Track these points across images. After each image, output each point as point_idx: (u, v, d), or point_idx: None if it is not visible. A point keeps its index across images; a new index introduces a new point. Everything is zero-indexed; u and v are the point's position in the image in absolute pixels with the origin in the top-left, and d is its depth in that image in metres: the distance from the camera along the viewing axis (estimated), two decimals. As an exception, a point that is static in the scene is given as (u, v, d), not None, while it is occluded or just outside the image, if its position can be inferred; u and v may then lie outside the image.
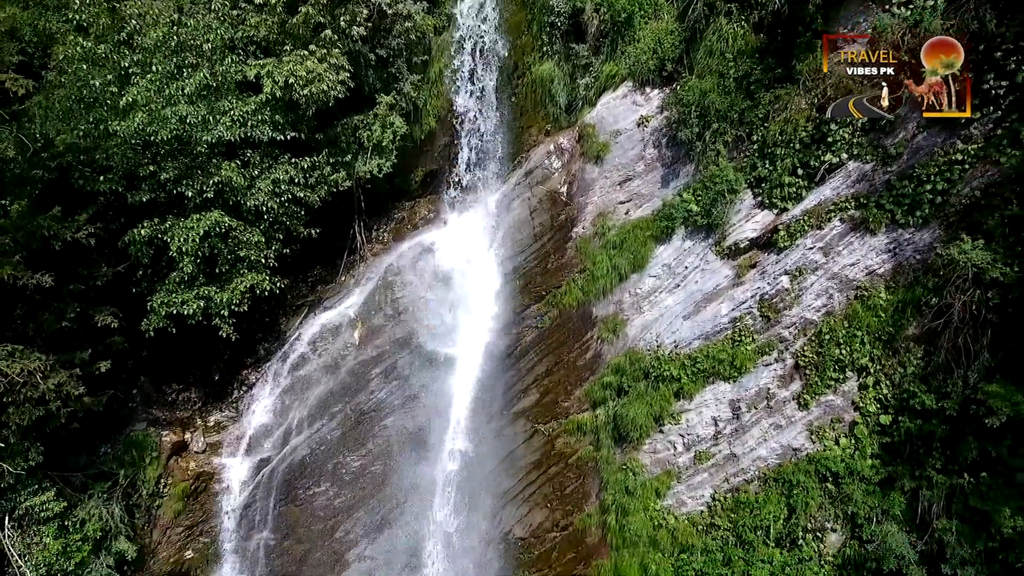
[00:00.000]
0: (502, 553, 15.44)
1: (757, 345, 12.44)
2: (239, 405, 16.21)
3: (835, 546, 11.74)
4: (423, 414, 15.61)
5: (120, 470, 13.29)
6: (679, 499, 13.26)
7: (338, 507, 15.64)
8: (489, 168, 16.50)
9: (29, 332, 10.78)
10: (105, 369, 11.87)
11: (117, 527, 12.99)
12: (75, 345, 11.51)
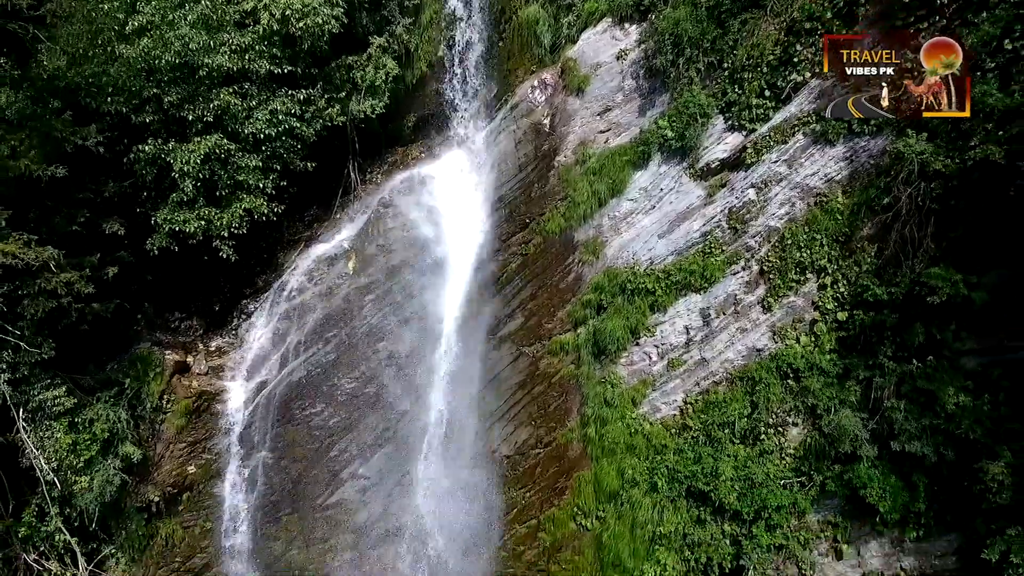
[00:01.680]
0: (489, 471, 16.20)
1: (726, 256, 13.21)
2: (239, 332, 17.03)
3: (796, 440, 12.52)
4: (414, 339, 16.39)
5: (126, 379, 14.05)
6: (654, 406, 14.04)
7: (333, 427, 16.43)
8: (477, 109, 17.30)
9: (42, 234, 11.54)
10: (112, 275, 12.65)
11: (123, 432, 13.79)
12: (85, 250, 12.29)
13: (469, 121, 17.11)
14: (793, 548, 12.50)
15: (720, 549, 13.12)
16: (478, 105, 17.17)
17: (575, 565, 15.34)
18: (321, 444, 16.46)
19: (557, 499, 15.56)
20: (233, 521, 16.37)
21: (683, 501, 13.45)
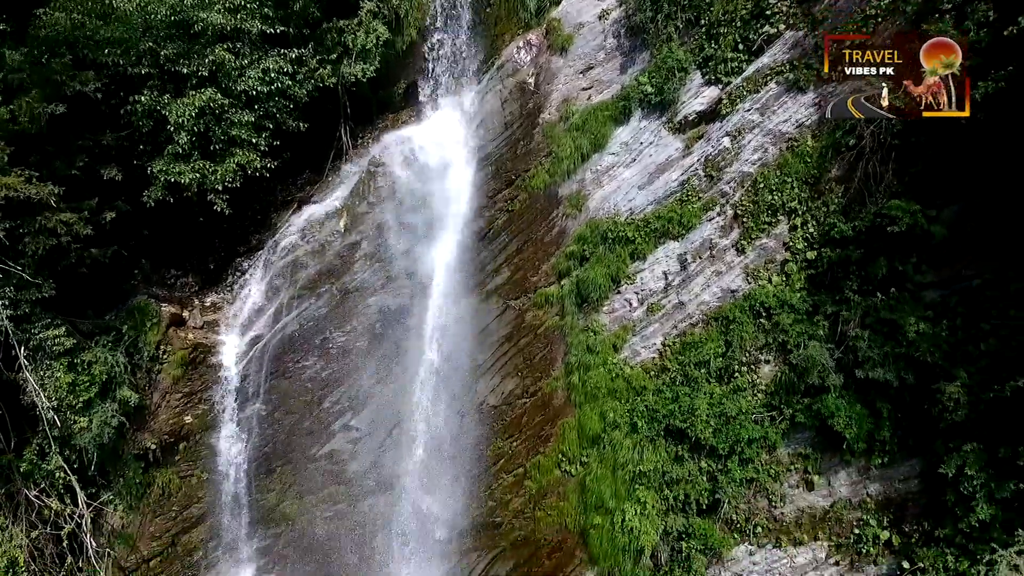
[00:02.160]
0: (477, 422, 16.70)
1: (702, 202, 13.71)
2: (234, 288, 17.50)
3: (768, 376, 13.03)
4: (404, 294, 16.88)
5: (124, 326, 14.51)
6: (634, 350, 14.54)
7: (325, 379, 16.91)
8: (466, 73, 17.79)
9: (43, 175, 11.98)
10: (111, 220, 13.13)
11: (121, 376, 14.24)
12: (84, 196, 12.76)
13: (458, 84, 17.58)
14: (764, 481, 13.02)
15: (697, 485, 13.63)
16: (466, 69, 17.64)
17: (560, 510, 15.82)
18: (313, 396, 16.94)
19: (542, 446, 16.05)
20: (228, 472, 16.84)
21: (662, 440, 13.95)
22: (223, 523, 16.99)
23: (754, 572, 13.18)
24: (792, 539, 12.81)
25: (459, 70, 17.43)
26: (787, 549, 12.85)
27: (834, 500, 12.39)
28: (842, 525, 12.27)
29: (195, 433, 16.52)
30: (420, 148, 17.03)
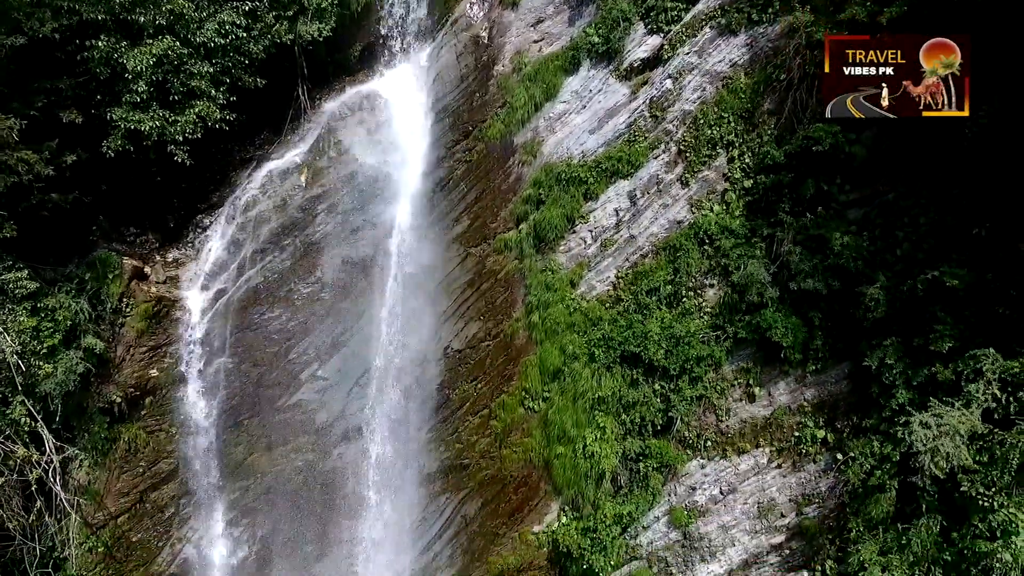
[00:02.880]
0: (442, 367, 17.27)
1: (648, 141, 14.63)
2: (195, 244, 17.65)
3: (712, 300, 14.02)
4: (367, 245, 17.33)
5: (86, 275, 14.56)
6: (590, 285, 15.37)
7: (291, 330, 17.22)
8: (421, 30, 18.31)
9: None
10: (71, 163, 13.19)
11: (85, 324, 14.31)
12: (43, 139, 12.80)
13: (413, 41, 18.08)
14: (712, 397, 14.00)
15: (652, 407, 14.53)
16: (421, 26, 18.16)
17: (524, 446, 16.55)
18: (280, 348, 17.23)
19: (506, 386, 16.75)
20: (196, 426, 16.99)
21: (618, 367, 14.81)
22: (192, 478, 17.14)
23: (705, 483, 14.14)
24: (736, 449, 13.83)
25: (414, 28, 17.94)
26: (732, 459, 13.86)
27: (774, 409, 13.43)
28: (782, 430, 13.33)
29: (161, 387, 16.63)
30: (378, 103, 17.50)
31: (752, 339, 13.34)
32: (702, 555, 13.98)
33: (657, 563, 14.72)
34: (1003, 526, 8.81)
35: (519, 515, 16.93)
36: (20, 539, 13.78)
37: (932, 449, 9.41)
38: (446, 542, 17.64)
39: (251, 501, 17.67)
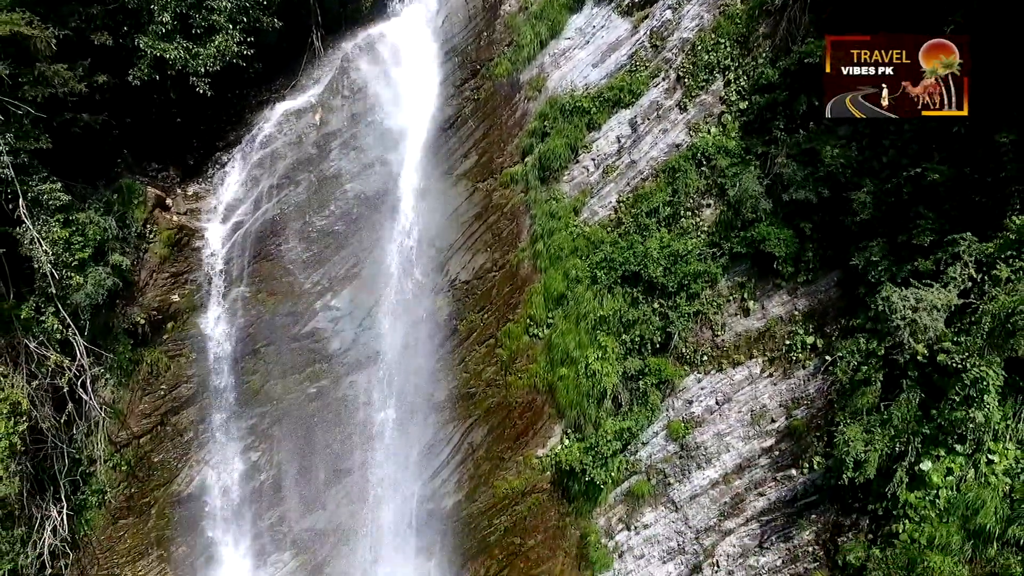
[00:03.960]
0: (450, 298, 17.97)
1: (649, 71, 15.28)
2: (214, 179, 18.40)
3: (709, 219, 14.68)
4: (379, 180, 18.02)
5: (114, 196, 15.33)
6: (592, 211, 16.04)
7: (306, 261, 17.95)
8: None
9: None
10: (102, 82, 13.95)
11: (113, 243, 15.07)
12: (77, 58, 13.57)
13: (423, -15, 18.77)
14: (708, 312, 14.66)
15: (651, 325, 15.20)
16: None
17: (529, 372, 17.24)
18: (295, 278, 17.96)
19: (511, 314, 17.45)
20: (215, 353, 17.75)
21: (619, 288, 15.48)
22: (211, 404, 17.90)
23: (701, 396, 14.80)
24: (732, 361, 14.48)
25: (425, -27, 18.61)
26: (727, 371, 14.52)
27: (767, 321, 14.08)
28: (775, 340, 13.97)
29: (182, 313, 17.40)
30: (389, 44, 18.17)
31: (747, 253, 13.99)
32: (698, 463, 14.63)
33: (655, 475, 15.39)
34: (976, 385, 9.41)
35: (523, 439, 17.63)
36: (52, 441, 14.54)
37: (911, 322, 10.02)
38: (453, 468, 18.36)
39: (267, 427, 18.43)
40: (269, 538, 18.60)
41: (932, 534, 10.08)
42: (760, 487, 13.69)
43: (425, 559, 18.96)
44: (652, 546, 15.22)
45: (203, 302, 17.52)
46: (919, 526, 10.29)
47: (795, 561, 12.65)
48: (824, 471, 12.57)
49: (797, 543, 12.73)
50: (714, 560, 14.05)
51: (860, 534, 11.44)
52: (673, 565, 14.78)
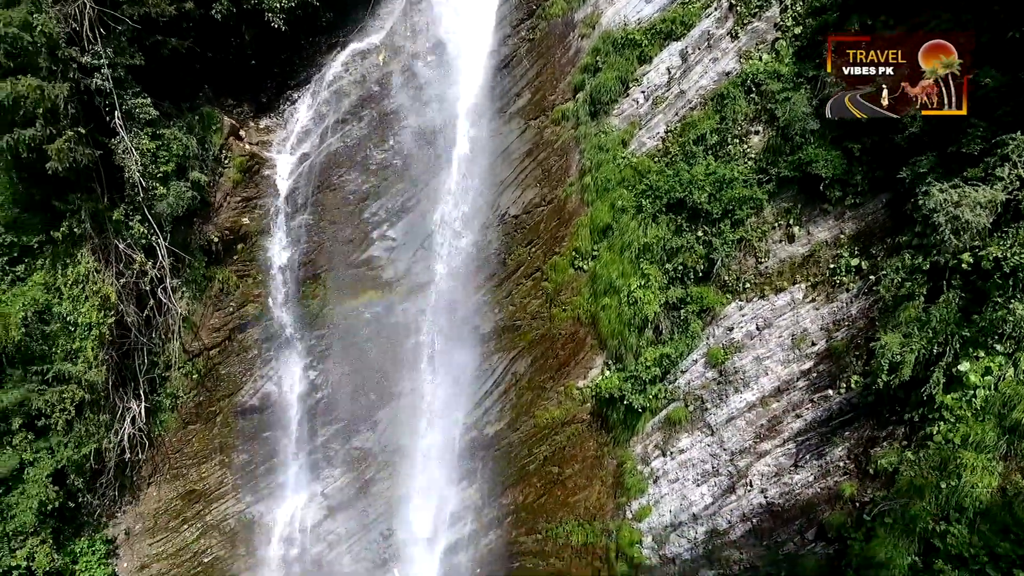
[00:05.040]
0: (500, 232, 18.64)
1: (702, 1, 15.46)
2: (284, 115, 19.66)
3: (758, 147, 14.75)
4: (436, 117, 18.84)
5: (195, 117, 16.71)
6: (640, 142, 16.35)
7: (365, 192, 18.98)
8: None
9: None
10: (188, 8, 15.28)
11: (192, 161, 16.43)
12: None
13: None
14: (752, 240, 14.76)
15: (694, 253, 15.40)
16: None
17: (573, 305, 17.73)
18: (354, 208, 19.03)
19: (558, 247, 17.96)
20: (279, 275, 19.01)
21: (664, 216, 15.75)
22: (275, 324, 19.18)
23: (742, 322, 14.91)
24: (774, 287, 14.53)
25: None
26: (769, 297, 14.58)
27: (812, 246, 14.07)
28: (819, 265, 13.96)
29: (251, 236, 18.72)
30: (451, -14, 18.96)
31: (794, 177, 14.01)
32: (736, 387, 14.77)
33: (693, 402, 15.61)
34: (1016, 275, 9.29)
35: (565, 370, 18.14)
36: (134, 336, 16.03)
37: (952, 218, 9.97)
38: (496, 398, 19.05)
39: (324, 349, 19.60)
40: (322, 454, 19.79)
41: (967, 433, 10.00)
42: (797, 409, 13.73)
43: (466, 485, 19.76)
44: (686, 470, 15.45)
45: (270, 227, 18.77)
46: (954, 427, 10.22)
47: (826, 476, 12.67)
48: (862, 389, 12.54)
49: (829, 459, 12.75)
50: (747, 480, 14.18)
51: (894, 442, 11.40)
52: (707, 487, 14.97)
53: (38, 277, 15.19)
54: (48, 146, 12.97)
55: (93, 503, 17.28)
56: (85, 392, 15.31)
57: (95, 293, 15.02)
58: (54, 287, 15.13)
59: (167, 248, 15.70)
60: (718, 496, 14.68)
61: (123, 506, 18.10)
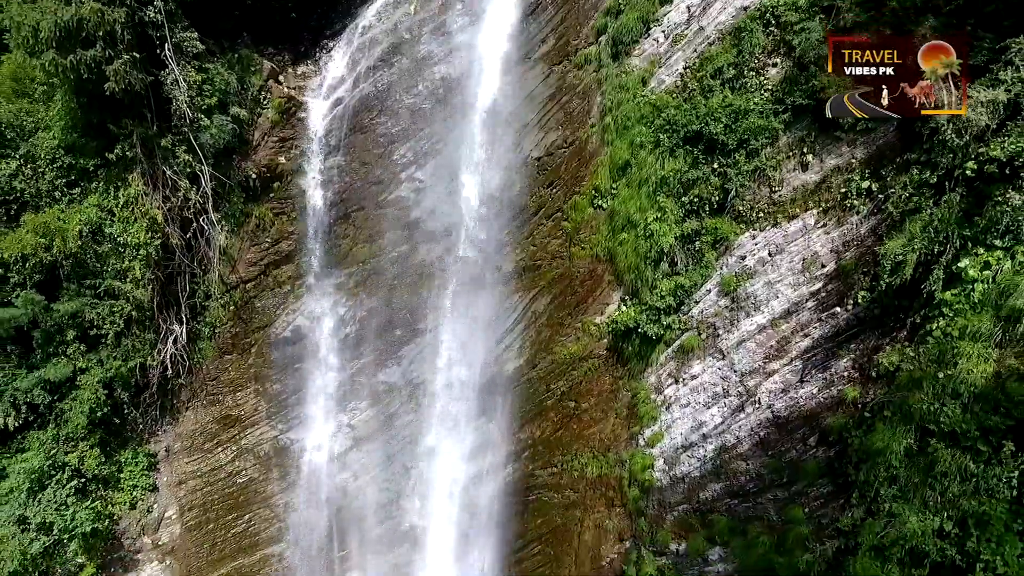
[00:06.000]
0: (523, 174, 19.30)
1: (723, -60, 15.92)
2: (319, 62, 20.63)
3: (775, 79, 15.16)
4: (463, 63, 19.56)
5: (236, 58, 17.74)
6: (659, 80, 16.87)
7: (395, 135, 19.82)
8: None
9: None
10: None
11: (233, 97, 17.46)
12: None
13: None
14: (767, 170, 15.18)
15: (710, 185, 15.88)
16: None
17: (591, 243, 18.36)
18: (384, 149, 19.89)
19: (578, 187, 18.60)
20: (312, 214, 19.98)
21: (681, 149, 16.25)
22: (307, 261, 20.17)
23: (755, 250, 15.36)
24: (787, 215, 14.94)
25: None
26: (782, 225, 14.99)
27: (824, 172, 14.46)
28: (830, 191, 14.33)
29: (287, 175, 19.72)
30: (480, -62, 19.67)
31: (808, 105, 14.40)
32: (747, 312, 15.23)
33: (706, 330, 16.10)
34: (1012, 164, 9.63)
35: (583, 306, 18.79)
36: (178, 260, 17.13)
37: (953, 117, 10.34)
38: (516, 336, 19.77)
39: (353, 286, 20.52)
40: (350, 386, 20.75)
41: (964, 325, 10.37)
42: (805, 328, 14.15)
43: (486, 421, 20.53)
44: (698, 394, 15.96)
45: (305, 167, 19.75)
46: (952, 320, 10.59)
47: (830, 386, 13.08)
48: (868, 303, 12.92)
49: (834, 371, 13.17)
50: (756, 398, 14.64)
51: (896, 345, 11.78)
52: (717, 408, 15.46)
53: (93, 199, 16.35)
54: (107, 67, 14.06)
55: (137, 420, 18.48)
56: (133, 309, 16.43)
57: (143, 215, 16.14)
58: (107, 209, 16.28)
59: (211, 174, 16.71)
60: (727, 416, 15.17)
61: (163, 426, 19.30)
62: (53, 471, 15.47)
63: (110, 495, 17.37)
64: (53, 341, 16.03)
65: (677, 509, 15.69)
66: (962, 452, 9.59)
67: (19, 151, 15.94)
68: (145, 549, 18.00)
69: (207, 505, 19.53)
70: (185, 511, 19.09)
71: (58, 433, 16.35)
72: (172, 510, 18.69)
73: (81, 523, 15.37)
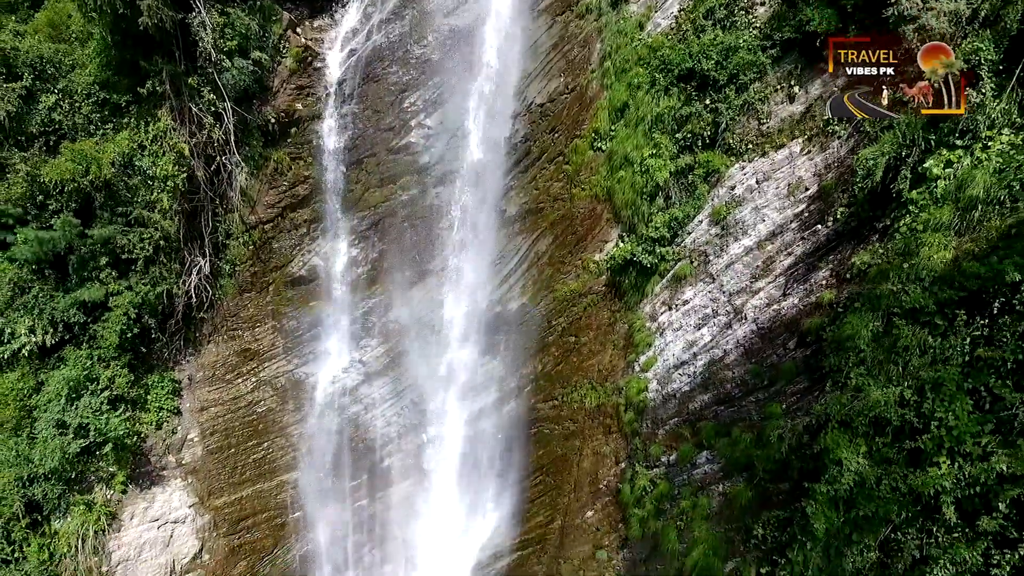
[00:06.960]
0: (526, 121, 20.31)
1: None
2: (335, 16, 21.70)
3: (763, 17, 16.07)
4: (471, 15, 20.58)
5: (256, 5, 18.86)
6: (656, 23, 17.83)
7: (405, 83, 20.88)
8: None
9: None
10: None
11: (254, 42, 18.57)
12: None
13: None
14: (756, 103, 16.08)
15: (702, 120, 16.81)
16: None
17: (591, 183, 19.36)
18: (395, 97, 20.95)
19: (579, 130, 19.58)
20: (327, 159, 21.08)
21: (675, 88, 17.19)
22: (322, 205, 21.28)
23: (743, 180, 16.28)
24: (774, 144, 15.84)
25: None
26: (769, 154, 15.90)
27: (809, 103, 15.35)
28: (815, 120, 15.21)
29: (304, 121, 20.83)
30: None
31: (795, 39, 15.27)
32: (735, 236, 16.16)
33: (697, 257, 17.04)
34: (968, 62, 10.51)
35: (583, 244, 19.78)
36: (203, 192, 18.28)
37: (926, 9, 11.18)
38: (520, 275, 20.82)
39: (365, 229, 21.63)
40: (361, 324, 21.87)
41: (927, 219, 11.26)
42: (789, 247, 15.06)
43: (491, 357, 21.60)
44: (689, 317, 16.91)
45: (321, 113, 20.86)
46: (917, 216, 11.49)
47: (809, 295, 13.99)
48: (846, 218, 13.82)
49: (813, 281, 14.07)
50: (743, 314, 15.57)
51: (869, 246, 12.69)
52: (707, 328, 16.41)
53: (125, 134, 17.53)
54: (141, 2, 15.21)
55: (163, 349, 19.67)
56: (161, 237, 17.60)
57: (171, 148, 17.30)
58: (138, 142, 17.45)
59: (232, 110, 17.84)
60: (716, 334, 16.11)
61: (186, 356, 20.50)
62: (88, 382, 16.67)
63: (138, 415, 18.56)
64: (87, 266, 17.21)
65: (669, 423, 16.66)
66: (921, 327, 10.47)
67: (57, 85, 17.14)
68: (169, 467, 19.20)
69: (228, 431, 20.72)
70: (207, 435, 20.28)
71: (91, 353, 17.55)
72: (194, 433, 19.88)
73: (114, 428, 16.57)
